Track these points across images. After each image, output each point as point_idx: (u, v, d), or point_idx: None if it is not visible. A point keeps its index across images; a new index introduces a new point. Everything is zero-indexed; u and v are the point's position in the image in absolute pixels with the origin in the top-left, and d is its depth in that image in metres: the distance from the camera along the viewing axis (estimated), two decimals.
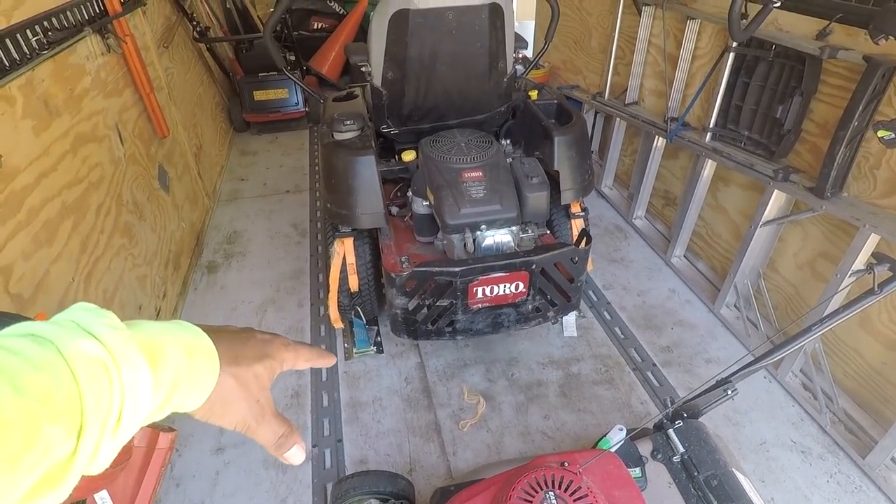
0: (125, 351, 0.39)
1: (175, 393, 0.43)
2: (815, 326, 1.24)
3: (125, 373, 0.38)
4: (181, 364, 0.43)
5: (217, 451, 1.93)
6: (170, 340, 0.43)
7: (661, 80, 2.81)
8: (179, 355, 0.43)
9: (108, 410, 0.37)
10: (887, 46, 1.60)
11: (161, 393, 0.41)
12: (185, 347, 0.44)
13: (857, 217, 1.75)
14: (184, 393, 0.44)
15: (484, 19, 1.90)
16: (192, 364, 0.45)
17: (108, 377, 0.37)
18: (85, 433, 0.35)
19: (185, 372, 0.43)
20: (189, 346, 0.45)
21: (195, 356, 0.45)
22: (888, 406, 1.82)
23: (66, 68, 1.83)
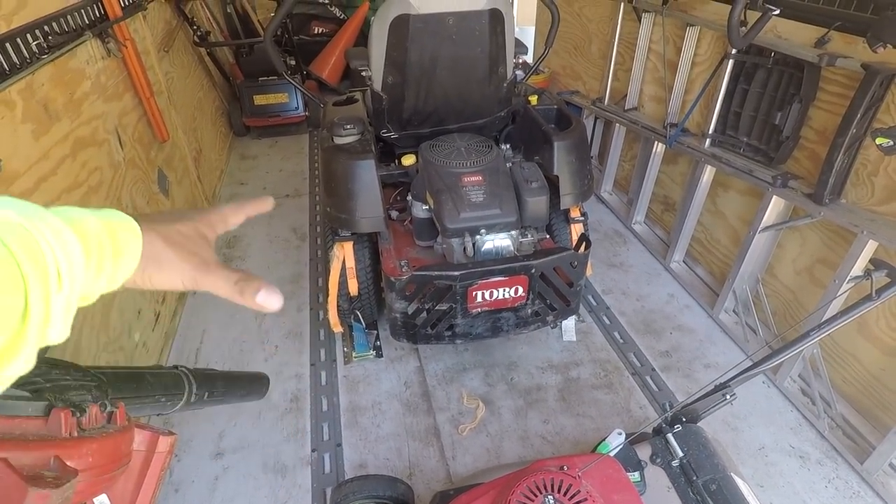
0: (46, 218, 0.39)
1: (103, 261, 0.44)
2: (814, 332, 1.24)
3: (46, 231, 0.38)
4: (103, 233, 0.44)
5: (216, 456, 1.93)
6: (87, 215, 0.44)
7: (660, 86, 2.82)
8: (99, 226, 0.44)
9: (44, 264, 0.37)
10: (885, 54, 1.61)
11: (92, 260, 0.42)
12: (103, 220, 0.45)
13: (856, 223, 1.75)
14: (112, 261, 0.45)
15: (484, 24, 1.91)
16: (114, 234, 0.45)
17: (31, 236, 0.37)
18: (29, 289, 0.36)
19: (108, 240, 0.44)
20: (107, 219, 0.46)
21: (115, 227, 0.46)
22: (886, 412, 1.82)
23: (66, 72, 1.84)
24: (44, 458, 0.48)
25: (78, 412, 0.55)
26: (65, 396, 0.57)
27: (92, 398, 0.60)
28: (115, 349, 1.90)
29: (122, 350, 1.95)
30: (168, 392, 1.05)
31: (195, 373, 1.16)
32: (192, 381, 1.13)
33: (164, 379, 1.06)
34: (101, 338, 1.81)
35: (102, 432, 0.57)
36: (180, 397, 1.09)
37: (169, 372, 1.11)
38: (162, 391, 1.03)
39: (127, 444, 0.61)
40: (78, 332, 1.68)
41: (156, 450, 0.67)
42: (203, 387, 1.17)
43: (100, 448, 0.55)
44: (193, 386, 1.13)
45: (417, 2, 1.81)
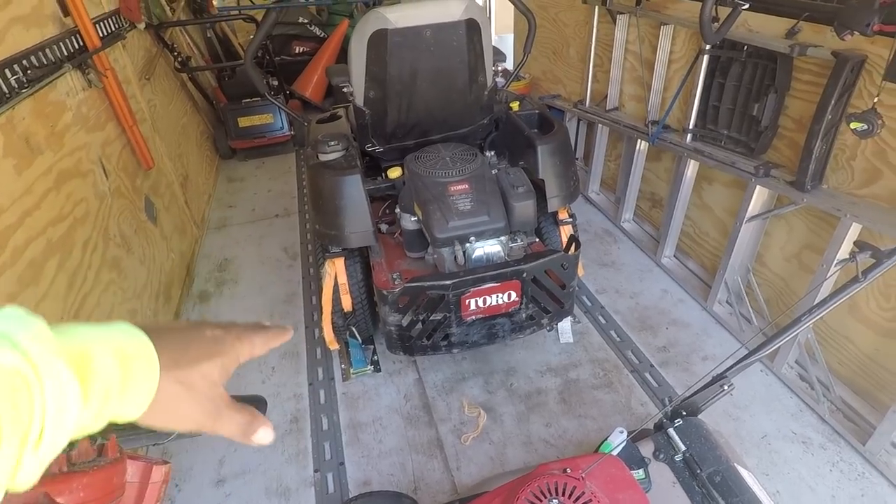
0: (49, 364, 0.36)
1: (108, 404, 0.40)
2: (805, 316, 1.25)
3: (49, 387, 0.35)
4: (114, 373, 0.40)
5: (218, 483, 1.91)
6: (102, 349, 0.40)
7: (639, 85, 2.85)
8: (112, 364, 0.40)
9: (29, 425, 0.34)
10: (854, 42, 1.64)
11: (92, 405, 0.39)
12: (119, 355, 0.41)
13: (838, 208, 1.78)
14: (118, 403, 0.41)
15: (461, 35, 1.92)
16: (128, 372, 0.41)
17: (28, 391, 0.34)
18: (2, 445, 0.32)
19: (118, 381, 0.41)
20: (124, 352, 0.42)
21: (131, 363, 0.42)
22: (883, 391, 1.83)
23: (46, 105, 1.83)
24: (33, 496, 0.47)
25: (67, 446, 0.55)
26: None
27: None
28: None
29: None
30: None
31: None
32: None
33: None
34: None
35: (93, 466, 0.56)
36: None
37: None
38: None
39: (119, 476, 0.60)
40: None
41: (150, 480, 0.66)
42: None
43: (91, 482, 0.54)
44: None
45: (394, 16, 1.82)
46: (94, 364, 0.39)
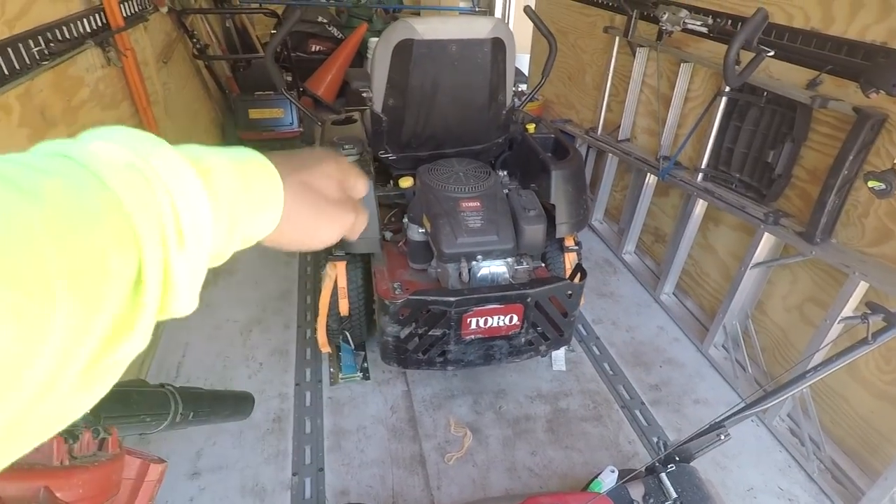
0: (154, 148, 0.32)
1: (239, 204, 0.37)
2: (809, 374, 1.24)
3: (162, 171, 0.31)
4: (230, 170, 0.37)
5: (193, 476, 1.87)
6: (207, 149, 0.37)
7: (653, 119, 2.86)
8: (225, 161, 0.37)
9: (161, 217, 0.30)
10: (877, 99, 1.64)
11: (222, 204, 0.35)
12: (228, 156, 0.38)
13: (847, 264, 1.77)
14: (248, 213, 0.38)
15: (486, 53, 1.93)
16: (244, 171, 0.38)
17: (142, 177, 0.30)
18: (144, 249, 0.29)
19: (239, 181, 0.37)
20: (234, 155, 0.38)
21: (244, 164, 0.39)
22: (875, 456, 1.82)
23: (65, 79, 1.82)
24: (33, 490, 0.45)
25: (70, 439, 0.52)
26: None
27: (84, 423, 0.57)
28: None
29: None
30: (154, 412, 1.02)
31: (181, 392, 1.13)
32: (178, 400, 1.10)
33: (150, 398, 1.03)
34: None
35: (94, 461, 0.54)
36: (165, 417, 1.05)
37: (155, 391, 1.07)
38: (147, 410, 1.00)
39: (117, 473, 0.58)
40: None
41: (146, 478, 0.64)
42: (189, 406, 1.13)
43: (91, 478, 0.52)
44: (179, 405, 1.09)
45: (422, 28, 1.82)
46: (211, 166, 0.35)
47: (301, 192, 0.44)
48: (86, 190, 0.28)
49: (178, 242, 0.31)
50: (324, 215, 0.47)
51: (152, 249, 0.29)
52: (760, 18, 1.78)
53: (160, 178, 0.31)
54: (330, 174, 0.48)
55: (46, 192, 0.26)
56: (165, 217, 0.30)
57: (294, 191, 0.43)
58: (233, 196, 0.36)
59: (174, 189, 0.31)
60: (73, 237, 0.26)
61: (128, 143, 0.31)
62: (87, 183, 0.28)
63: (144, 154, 0.31)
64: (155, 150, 0.32)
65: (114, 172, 0.29)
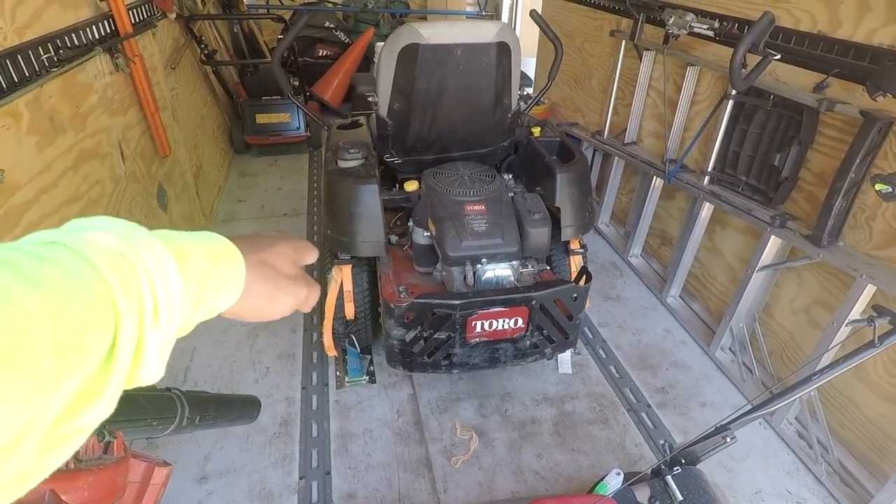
0: (139, 236, 0.36)
1: (205, 289, 0.41)
2: (815, 377, 1.23)
3: (146, 257, 0.35)
4: (200, 253, 0.41)
5: (201, 480, 1.88)
6: (184, 237, 0.41)
7: (660, 122, 2.86)
8: (196, 246, 0.41)
9: (140, 297, 0.34)
10: (884, 102, 1.64)
11: (192, 289, 0.39)
12: (197, 240, 0.42)
13: (854, 267, 1.76)
14: (215, 288, 0.43)
15: (492, 57, 1.93)
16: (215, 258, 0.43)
17: (128, 263, 0.34)
18: (122, 324, 0.32)
19: (208, 263, 0.42)
20: (201, 239, 0.43)
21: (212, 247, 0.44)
22: (884, 459, 1.80)
23: (73, 86, 1.84)
24: (38, 493, 0.45)
25: None
26: None
27: None
28: None
29: None
30: (160, 415, 1.02)
31: (188, 396, 1.14)
32: (184, 404, 1.10)
33: (156, 402, 1.03)
34: None
35: (99, 464, 0.55)
36: (172, 421, 1.06)
37: (162, 395, 1.08)
38: (154, 414, 1.00)
39: (123, 476, 0.59)
40: None
41: (151, 482, 0.64)
42: (195, 410, 1.14)
43: (96, 481, 0.52)
44: (186, 409, 1.10)
45: (427, 32, 1.83)
46: (185, 250, 0.40)
47: (260, 270, 0.50)
48: (78, 275, 0.32)
49: (154, 320, 0.35)
50: (279, 289, 0.52)
51: (128, 326, 0.33)
52: (767, 22, 1.78)
53: (143, 264, 0.35)
54: (285, 253, 0.54)
55: (46, 279, 0.30)
56: (145, 298, 0.34)
57: (254, 269, 0.48)
58: (202, 276, 0.41)
59: (155, 273, 0.35)
60: (64, 319, 0.29)
61: (119, 233, 0.35)
62: (79, 269, 0.32)
63: (132, 242, 0.35)
64: (141, 239, 0.36)
65: (103, 259, 0.33)
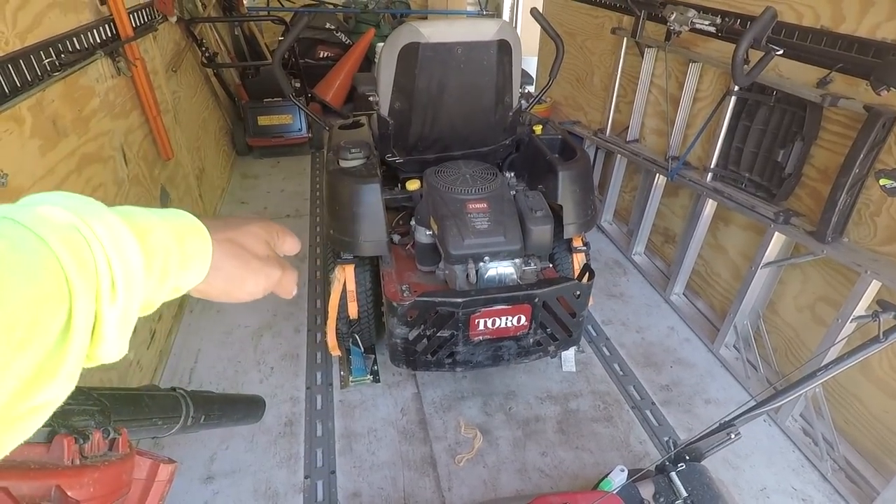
0: (95, 210, 0.35)
1: (169, 266, 0.40)
2: (820, 373, 1.23)
3: (101, 232, 0.34)
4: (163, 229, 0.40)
5: (206, 480, 1.89)
6: (149, 214, 0.41)
7: (662, 119, 2.85)
8: (158, 221, 0.40)
9: (96, 273, 0.33)
10: (888, 97, 1.63)
11: (155, 267, 0.38)
12: (161, 216, 0.41)
13: (858, 263, 1.76)
14: (179, 265, 0.41)
15: (492, 55, 1.93)
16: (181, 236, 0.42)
17: (81, 237, 0.33)
18: (76, 300, 0.31)
19: (172, 239, 0.41)
20: (166, 215, 0.42)
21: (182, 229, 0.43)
22: (890, 455, 1.80)
23: (76, 90, 1.84)
24: (45, 488, 0.46)
25: (81, 439, 0.54)
26: (68, 422, 0.55)
27: (95, 424, 0.59)
28: (107, 367, 1.86)
29: (115, 368, 1.92)
30: (165, 415, 1.03)
31: (193, 395, 1.14)
32: (189, 403, 1.11)
33: (161, 401, 1.04)
34: None
35: (104, 460, 0.55)
36: (177, 420, 1.06)
37: (166, 394, 1.08)
38: (159, 414, 1.01)
39: (128, 472, 0.59)
40: None
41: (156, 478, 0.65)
42: (200, 410, 1.14)
43: (101, 477, 0.53)
44: (191, 409, 1.10)
45: (427, 31, 1.83)
46: (147, 226, 0.39)
47: (228, 248, 0.49)
48: (26, 250, 0.31)
49: (111, 296, 0.34)
50: (248, 269, 0.51)
51: (83, 302, 0.32)
52: (769, 17, 1.77)
53: (98, 239, 0.34)
54: (256, 233, 0.53)
55: None
56: (101, 273, 0.34)
57: (222, 247, 0.47)
58: (165, 252, 0.40)
59: (111, 248, 0.34)
60: (10, 295, 0.29)
61: (72, 207, 0.34)
62: (28, 244, 0.31)
63: (86, 216, 0.34)
64: (96, 213, 0.35)
65: (55, 233, 0.32)
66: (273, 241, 0.56)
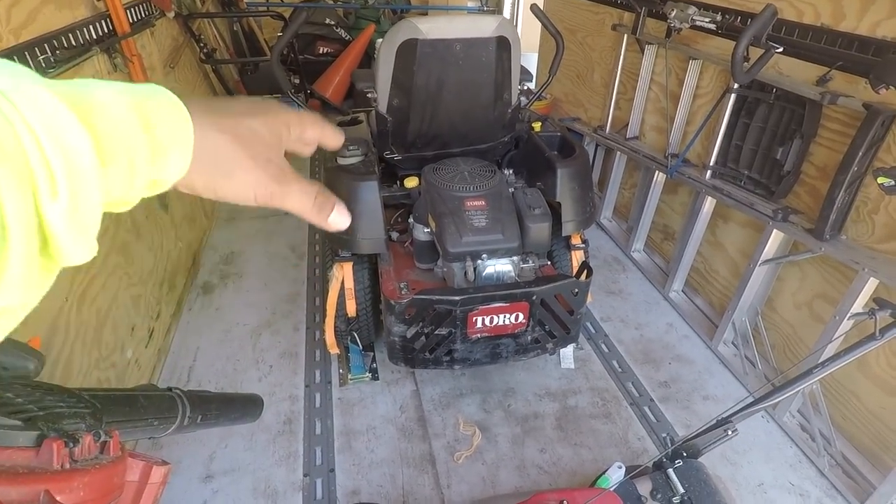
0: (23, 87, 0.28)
1: (136, 159, 0.34)
2: (816, 370, 1.23)
3: (29, 114, 0.27)
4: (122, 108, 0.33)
5: (206, 479, 1.89)
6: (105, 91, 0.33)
7: (662, 116, 2.85)
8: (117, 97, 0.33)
9: (26, 164, 0.27)
10: (887, 95, 1.62)
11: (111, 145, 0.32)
12: (122, 91, 0.34)
13: (856, 260, 1.75)
14: (150, 158, 0.35)
15: (491, 51, 1.92)
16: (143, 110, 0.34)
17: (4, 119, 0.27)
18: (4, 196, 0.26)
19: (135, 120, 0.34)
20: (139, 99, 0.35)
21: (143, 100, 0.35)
22: (886, 452, 1.80)
23: None
24: (33, 493, 0.46)
25: (71, 442, 0.53)
26: (58, 425, 0.54)
27: (86, 427, 0.58)
28: (106, 366, 1.86)
29: (114, 367, 1.92)
30: (161, 415, 1.03)
31: (189, 395, 1.14)
32: (185, 403, 1.11)
33: (157, 402, 1.04)
34: (93, 354, 1.78)
35: (95, 463, 0.55)
36: (173, 420, 1.06)
37: (162, 394, 1.08)
38: (155, 414, 1.01)
39: (119, 475, 0.59)
40: (70, 347, 1.65)
41: (149, 481, 0.65)
42: (197, 410, 1.14)
43: (91, 481, 0.53)
44: (187, 409, 1.10)
45: (426, 27, 1.83)
46: (96, 104, 0.32)
47: (215, 137, 0.41)
48: None
49: (52, 192, 0.28)
50: (240, 165, 0.43)
51: (13, 199, 0.27)
52: (769, 15, 1.76)
53: (26, 123, 0.27)
54: (253, 128, 0.44)
55: None
56: (33, 164, 0.27)
57: (206, 135, 0.40)
58: (127, 136, 0.33)
59: (41, 132, 0.28)
60: None
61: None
62: None
63: (12, 93, 0.28)
64: (25, 88, 0.28)
65: None
66: (284, 136, 0.47)
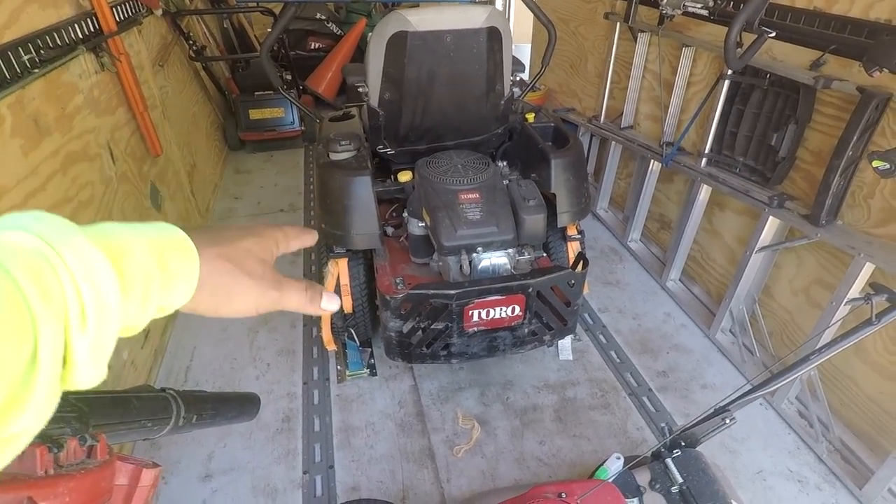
0: (64, 234, 0.34)
1: (151, 289, 0.38)
2: (814, 356, 1.22)
3: (69, 258, 0.33)
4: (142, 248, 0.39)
5: (205, 479, 1.88)
6: (128, 232, 0.39)
7: (656, 105, 2.83)
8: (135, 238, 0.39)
9: (63, 302, 0.32)
10: (881, 78, 1.61)
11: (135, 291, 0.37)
12: (140, 233, 0.39)
13: (852, 246, 1.75)
14: (162, 287, 0.40)
15: (482, 42, 1.90)
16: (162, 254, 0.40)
17: (48, 265, 0.32)
18: (41, 331, 0.30)
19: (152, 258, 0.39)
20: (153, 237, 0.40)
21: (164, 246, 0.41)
22: (884, 436, 1.80)
23: (58, 86, 1.81)
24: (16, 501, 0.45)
25: (55, 447, 0.52)
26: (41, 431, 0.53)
27: (71, 431, 0.57)
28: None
29: (110, 369, 1.89)
30: (155, 416, 1.02)
31: (183, 395, 1.13)
32: (180, 404, 1.10)
33: (150, 403, 1.03)
34: None
35: (81, 468, 0.54)
36: (167, 421, 1.05)
37: (156, 395, 1.07)
38: (148, 416, 0.99)
39: (107, 479, 0.58)
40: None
41: (139, 484, 0.64)
42: (191, 410, 1.13)
43: (77, 486, 0.52)
44: (182, 409, 1.09)
45: (415, 19, 1.81)
46: (122, 246, 0.37)
47: (217, 264, 0.46)
48: None
49: (81, 325, 0.33)
50: (238, 286, 0.48)
51: (49, 333, 0.31)
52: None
53: (67, 266, 0.33)
54: (249, 249, 0.50)
55: None
56: (70, 301, 0.32)
57: (210, 264, 0.45)
58: (146, 273, 0.38)
59: (80, 275, 0.33)
60: None
61: (40, 231, 0.33)
62: None
63: (55, 242, 0.33)
64: (66, 237, 0.34)
65: (18, 260, 0.31)
66: (274, 251, 0.54)
